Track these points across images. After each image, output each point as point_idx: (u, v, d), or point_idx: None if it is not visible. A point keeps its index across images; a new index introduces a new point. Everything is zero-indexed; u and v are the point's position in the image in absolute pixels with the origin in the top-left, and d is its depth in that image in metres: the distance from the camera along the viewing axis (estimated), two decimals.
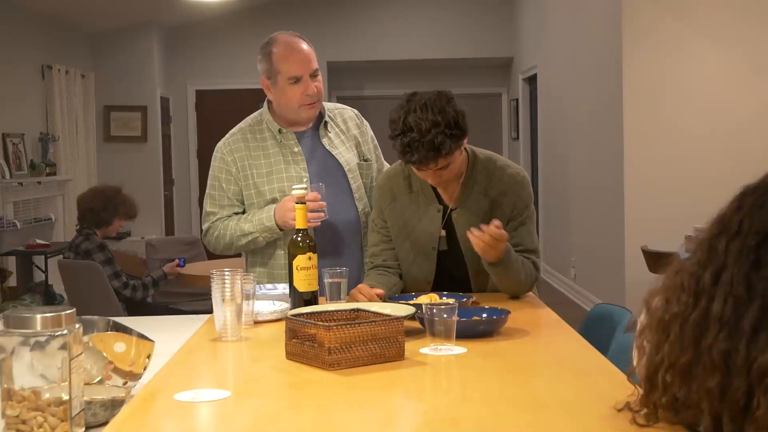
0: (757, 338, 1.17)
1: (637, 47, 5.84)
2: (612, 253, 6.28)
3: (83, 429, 1.48)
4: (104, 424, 1.56)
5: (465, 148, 2.57)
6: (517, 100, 10.52)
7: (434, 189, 2.64)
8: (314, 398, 1.63)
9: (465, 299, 2.38)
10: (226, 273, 2.10)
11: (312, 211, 2.63)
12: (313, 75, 2.79)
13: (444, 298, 2.35)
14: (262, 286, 2.62)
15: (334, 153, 2.88)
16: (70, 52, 9.05)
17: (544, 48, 8.84)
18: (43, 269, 7.33)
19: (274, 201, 2.81)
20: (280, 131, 2.85)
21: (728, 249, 1.24)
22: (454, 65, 10.97)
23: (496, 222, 2.42)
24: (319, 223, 2.70)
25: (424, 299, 2.30)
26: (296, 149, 2.85)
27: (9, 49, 7.66)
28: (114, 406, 1.67)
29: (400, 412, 1.56)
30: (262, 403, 1.60)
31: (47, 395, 1.42)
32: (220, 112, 10.63)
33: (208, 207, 2.92)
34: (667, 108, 5.84)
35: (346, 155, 2.89)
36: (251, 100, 10.97)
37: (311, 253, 2.35)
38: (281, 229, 2.75)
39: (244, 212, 2.88)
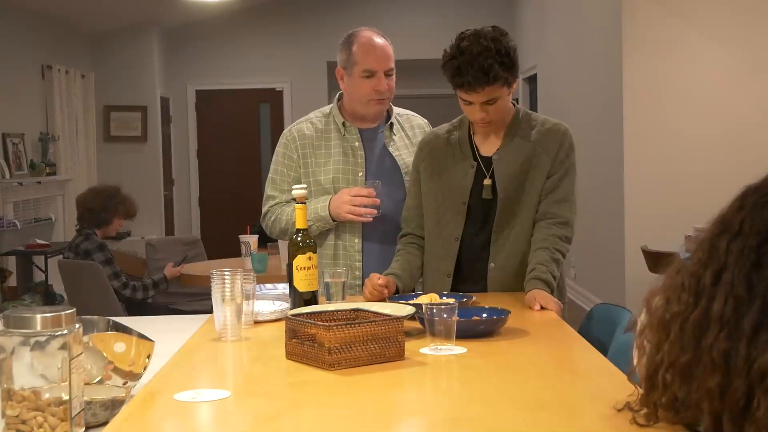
0: (757, 338, 1.17)
1: (637, 47, 5.84)
2: (612, 253, 6.28)
3: (83, 429, 1.48)
4: (104, 424, 1.56)
5: (512, 102, 2.70)
6: (517, 99, 10.51)
7: (471, 145, 2.68)
8: (314, 398, 1.63)
9: (465, 299, 2.38)
10: (226, 273, 2.10)
11: (366, 206, 2.76)
12: (388, 73, 2.86)
13: (444, 298, 2.35)
14: (262, 286, 2.63)
15: (394, 154, 2.93)
16: (70, 52, 9.05)
17: (544, 48, 8.84)
18: (43, 269, 7.33)
19: (328, 192, 2.88)
20: (344, 124, 2.92)
21: (729, 249, 1.24)
22: None
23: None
24: (371, 219, 2.78)
25: (424, 299, 2.30)
26: (356, 144, 2.91)
27: (9, 49, 7.66)
28: (114, 406, 1.67)
29: (400, 412, 1.56)
30: (262, 403, 1.60)
31: (47, 395, 1.42)
32: (220, 112, 10.65)
33: (269, 190, 2.97)
34: (667, 108, 5.84)
35: (406, 158, 2.93)
36: (251, 100, 11.05)
37: (311, 253, 2.35)
38: (334, 220, 2.82)
39: None
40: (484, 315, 2.18)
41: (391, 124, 2.96)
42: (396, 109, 3.01)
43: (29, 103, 8.11)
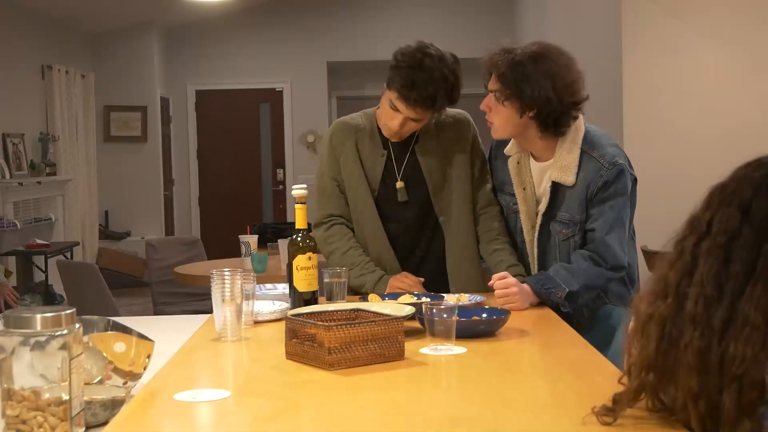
0: (726, 335, 1.18)
1: (637, 47, 5.84)
2: None
3: (83, 429, 1.48)
4: (104, 424, 1.56)
5: None
6: None
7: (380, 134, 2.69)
8: (314, 398, 1.63)
9: (471, 300, 2.39)
10: (226, 273, 2.10)
11: None
12: None
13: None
14: (262, 286, 2.62)
15: None
16: (70, 52, 9.05)
17: None
18: (43, 269, 7.33)
19: None
20: None
21: (699, 249, 1.26)
22: None
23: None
24: None
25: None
26: None
27: (9, 49, 7.66)
28: (114, 406, 1.67)
29: (400, 412, 1.56)
30: (262, 403, 1.60)
31: (47, 395, 1.42)
32: (220, 112, 10.65)
33: None
34: (667, 108, 5.84)
35: None
36: (251, 100, 11.04)
37: (311, 253, 2.35)
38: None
39: None
40: (484, 315, 2.18)
41: None
42: None
43: (29, 103, 8.11)
